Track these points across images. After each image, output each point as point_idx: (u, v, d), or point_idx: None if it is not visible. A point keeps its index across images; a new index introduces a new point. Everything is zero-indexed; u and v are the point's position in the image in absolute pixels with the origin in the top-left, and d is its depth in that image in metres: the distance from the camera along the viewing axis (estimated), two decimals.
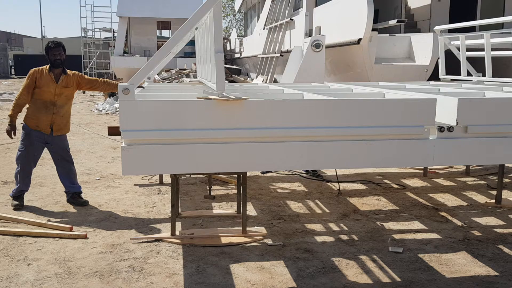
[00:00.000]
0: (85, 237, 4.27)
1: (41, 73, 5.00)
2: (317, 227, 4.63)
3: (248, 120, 2.91)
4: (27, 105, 5.12)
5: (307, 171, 6.72)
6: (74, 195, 5.25)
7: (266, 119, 2.93)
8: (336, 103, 3.06)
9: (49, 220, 4.67)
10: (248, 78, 17.27)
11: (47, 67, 5.05)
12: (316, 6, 10.78)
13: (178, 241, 4.18)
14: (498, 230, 4.58)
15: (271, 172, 6.71)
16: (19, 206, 5.06)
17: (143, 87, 4.59)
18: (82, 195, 5.35)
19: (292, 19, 11.53)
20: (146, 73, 2.98)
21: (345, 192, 5.87)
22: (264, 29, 14.71)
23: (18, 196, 5.14)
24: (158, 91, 4.28)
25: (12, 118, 5.10)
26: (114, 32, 24.66)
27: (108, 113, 14.56)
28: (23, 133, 5.13)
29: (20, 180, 5.13)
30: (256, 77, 13.07)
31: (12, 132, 5.12)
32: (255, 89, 5.09)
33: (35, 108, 5.03)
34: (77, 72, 5.30)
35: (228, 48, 24.96)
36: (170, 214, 4.45)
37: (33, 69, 5.08)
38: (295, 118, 2.96)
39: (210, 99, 2.84)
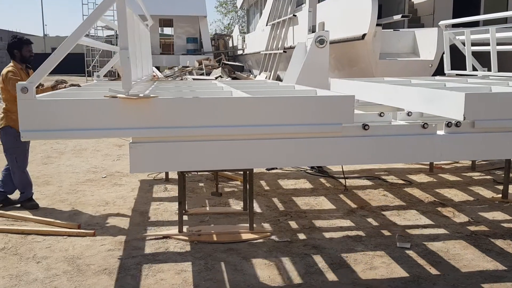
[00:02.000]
0: (93, 234, 4.29)
1: (17, 72, 4.87)
2: (324, 223, 4.64)
3: (156, 118, 2.78)
4: (7, 111, 4.89)
5: (312, 168, 6.72)
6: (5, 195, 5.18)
7: (173, 117, 2.80)
8: (246, 101, 2.93)
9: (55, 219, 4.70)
10: (251, 75, 17.26)
11: (13, 65, 4.90)
12: (319, 2, 10.75)
13: (186, 238, 4.19)
14: (505, 224, 4.58)
15: (277, 169, 6.71)
16: (36, 206, 5.08)
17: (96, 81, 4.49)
18: (85, 192, 5.34)
19: (295, 15, 11.51)
20: (45, 72, 2.79)
21: (351, 188, 5.88)
22: (267, 25, 14.69)
23: (30, 198, 5.12)
24: (90, 90, 3.97)
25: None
26: (116, 30, 24.66)
27: None
28: (13, 138, 4.86)
29: (28, 184, 5.10)
30: (259, 74, 13.07)
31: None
32: (194, 87, 4.88)
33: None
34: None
35: (230, 45, 24.94)
36: (176, 211, 4.47)
37: (9, 69, 4.87)
38: (206, 117, 2.83)
39: (116, 97, 2.76)
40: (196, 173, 6.19)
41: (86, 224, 4.57)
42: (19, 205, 5.09)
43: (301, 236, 4.30)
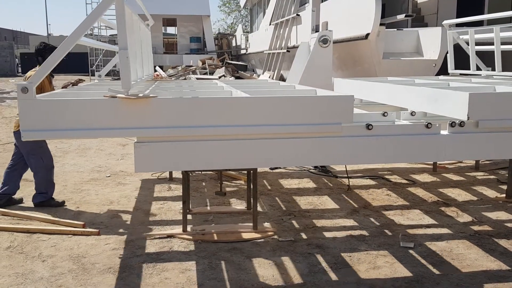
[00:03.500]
0: (98, 233, 4.31)
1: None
2: (328, 222, 4.65)
3: (156, 118, 2.79)
4: None
5: (315, 167, 6.73)
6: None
7: (173, 117, 2.81)
8: (244, 101, 2.95)
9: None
10: (254, 74, 17.27)
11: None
12: (322, 1, 10.75)
13: (190, 237, 4.21)
14: (509, 224, 4.58)
15: (280, 168, 6.73)
16: (63, 203, 5.13)
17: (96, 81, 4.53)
18: (90, 191, 5.37)
19: (298, 15, 11.51)
20: (45, 72, 2.82)
21: (355, 187, 5.88)
22: (270, 25, 14.69)
23: (51, 198, 5.14)
24: (91, 90, 4.00)
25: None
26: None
27: None
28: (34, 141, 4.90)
29: (51, 184, 5.13)
30: (263, 73, 13.07)
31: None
32: (195, 86, 4.90)
33: None
34: None
35: (234, 44, 24.95)
36: (180, 211, 4.48)
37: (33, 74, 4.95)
38: (205, 116, 2.85)
39: (116, 97, 2.77)
40: (200, 172, 6.21)
41: (91, 223, 4.59)
42: (23, 204, 5.12)
43: (305, 235, 4.31)
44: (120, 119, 2.75)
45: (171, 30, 30.01)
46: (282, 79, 11.52)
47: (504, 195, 5.41)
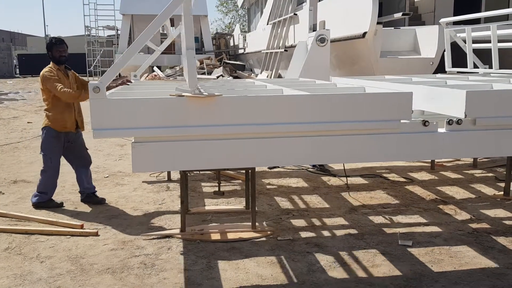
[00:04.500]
0: (96, 234, 4.31)
1: (55, 72, 4.93)
2: (326, 221, 4.65)
3: (222, 116, 2.84)
4: (46, 111, 5.02)
5: (314, 166, 6.73)
6: (89, 194, 5.28)
7: (238, 115, 2.86)
8: (307, 98, 2.96)
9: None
10: (252, 74, 17.26)
11: (52, 66, 4.98)
12: (320, 1, 10.75)
13: (188, 237, 4.21)
14: (507, 222, 4.59)
15: (278, 167, 6.73)
16: (61, 205, 5.13)
17: (131, 82, 4.58)
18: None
19: (296, 14, 11.51)
20: (115, 72, 2.88)
21: (353, 186, 5.89)
22: (267, 24, 14.69)
23: (50, 199, 5.14)
24: (142, 89, 4.12)
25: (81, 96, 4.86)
26: (117, 30, 24.69)
27: None
28: (50, 138, 5.02)
29: (52, 186, 5.15)
30: (261, 73, 13.07)
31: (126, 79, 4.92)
32: (238, 85, 4.99)
33: (58, 110, 4.95)
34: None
35: (231, 44, 24.94)
36: (179, 211, 4.48)
37: (46, 70, 4.93)
38: (268, 114, 2.88)
39: (183, 96, 2.80)
40: (198, 172, 6.20)
41: (89, 224, 4.59)
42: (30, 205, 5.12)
43: (303, 234, 4.32)
44: (187, 117, 2.80)
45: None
46: (280, 78, 11.52)
47: (502, 192, 5.42)
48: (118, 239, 4.22)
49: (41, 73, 4.96)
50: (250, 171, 4.37)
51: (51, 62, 5.04)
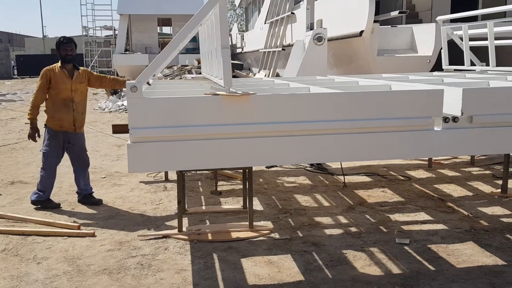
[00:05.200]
0: (93, 235, 4.30)
1: (53, 71, 4.98)
2: (324, 220, 4.65)
3: (257, 115, 2.92)
4: (45, 108, 5.06)
5: (312, 165, 6.73)
6: (86, 195, 5.27)
7: (274, 113, 2.93)
8: (344, 96, 3.07)
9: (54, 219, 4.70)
10: (250, 73, 17.24)
11: (58, 65, 5.02)
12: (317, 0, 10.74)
13: (185, 237, 4.20)
14: (504, 219, 4.58)
15: (276, 166, 6.72)
16: (58, 205, 5.12)
17: (149, 84, 4.61)
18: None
19: (293, 13, 11.49)
20: (153, 71, 2.99)
21: (351, 184, 5.88)
22: (265, 23, 14.67)
23: (48, 199, 5.13)
24: (165, 88, 4.28)
25: (33, 120, 5.02)
26: (115, 30, 24.65)
27: (111, 111, 14.58)
28: (48, 136, 5.05)
29: (49, 185, 5.14)
30: (259, 72, 13.06)
31: (36, 134, 5.05)
32: (260, 83, 5.09)
33: (55, 108, 4.98)
34: (85, 68, 5.32)
35: (229, 43, 24.92)
36: (176, 211, 4.47)
37: (45, 68, 5.03)
38: (303, 112, 2.97)
39: (218, 94, 2.84)
40: (195, 172, 6.19)
41: (86, 225, 4.58)
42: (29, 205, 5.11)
43: (301, 233, 4.31)
44: (221, 116, 2.86)
45: (166, 30, 29.97)
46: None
47: (499, 190, 5.42)
48: (115, 239, 4.20)
49: (43, 71, 5.04)
50: (247, 170, 4.36)
51: (59, 61, 5.07)
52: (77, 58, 5.30)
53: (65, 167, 6.96)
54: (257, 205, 5.08)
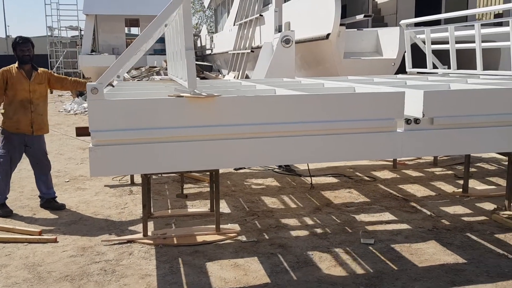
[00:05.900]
0: (54, 241, 4.17)
1: (10, 72, 4.84)
2: (291, 221, 4.66)
3: (222, 117, 2.90)
4: (2, 110, 4.92)
5: (280, 166, 6.75)
6: (49, 199, 5.11)
7: (239, 115, 2.93)
8: (308, 98, 3.09)
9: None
10: (220, 75, 17.19)
11: (16, 65, 4.89)
12: (285, 2, 10.80)
13: (151, 241, 4.13)
14: (465, 218, 4.71)
15: (244, 168, 6.71)
16: (10, 213, 4.91)
17: (113, 86, 4.53)
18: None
19: (261, 15, 11.53)
20: (115, 72, 2.93)
21: (318, 186, 5.93)
22: (234, 25, 14.67)
23: (2, 203, 4.94)
24: (129, 90, 4.22)
25: None
26: (81, 30, 24.13)
27: (76, 113, 14.27)
28: (2, 138, 4.93)
29: (4, 187, 4.95)
30: (228, 73, 13.04)
31: None
32: (227, 85, 5.08)
33: (12, 109, 4.84)
34: (46, 69, 5.17)
35: (198, 44, 24.78)
36: (142, 215, 4.39)
37: (2, 69, 4.89)
38: (268, 114, 2.98)
39: (182, 96, 2.81)
40: (160, 175, 6.11)
41: (48, 230, 4.44)
42: None
43: (268, 235, 4.31)
44: (186, 118, 2.85)
45: (134, 30, 29.55)
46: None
47: (460, 190, 5.56)
48: (77, 245, 4.10)
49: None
50: (214, 173, 4.33)
51: (16, 61, 4.91)
52: (42, 59, 5.20)
53: (27, 171, 6.75)
54: (224, 207, 5.05)
